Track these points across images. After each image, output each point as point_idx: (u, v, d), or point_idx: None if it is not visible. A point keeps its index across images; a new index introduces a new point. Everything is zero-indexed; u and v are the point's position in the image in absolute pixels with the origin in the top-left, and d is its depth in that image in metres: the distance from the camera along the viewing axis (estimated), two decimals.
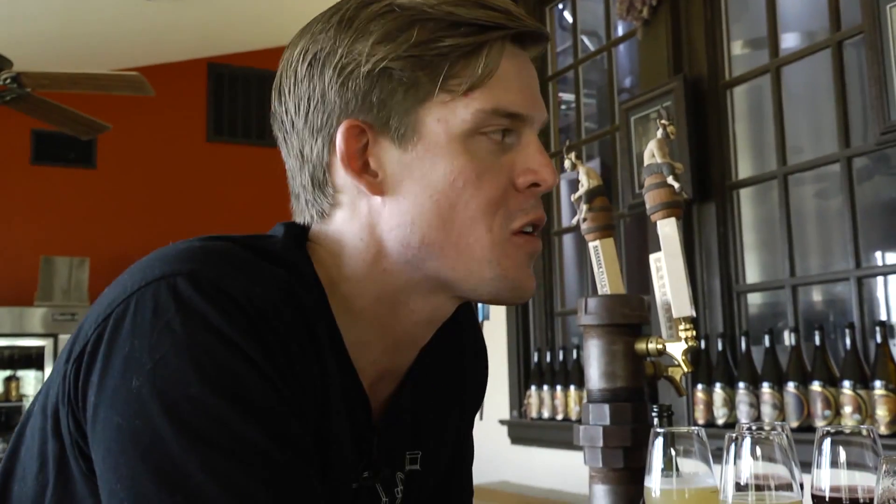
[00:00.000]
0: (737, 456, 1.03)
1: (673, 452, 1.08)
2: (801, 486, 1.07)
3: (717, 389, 2.93)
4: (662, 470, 1.07)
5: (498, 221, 0.92)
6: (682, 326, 1.41)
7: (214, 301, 0.81)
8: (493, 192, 0.91)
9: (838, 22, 2.87)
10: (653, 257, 1.47)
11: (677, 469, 1.10)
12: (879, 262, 3.14)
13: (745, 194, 3.26)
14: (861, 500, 0.97)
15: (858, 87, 2.91)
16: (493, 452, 3.93)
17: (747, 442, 1.04)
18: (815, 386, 2.62)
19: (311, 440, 0.87)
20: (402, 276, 0.95)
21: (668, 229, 1.42)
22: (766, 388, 2.76)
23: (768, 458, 1.03)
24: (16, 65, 3.82)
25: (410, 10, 0.89)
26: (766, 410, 2.73)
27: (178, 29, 6.34)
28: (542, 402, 3.74)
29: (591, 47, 4.31)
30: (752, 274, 3.24)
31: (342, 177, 0.94)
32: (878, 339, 2.51)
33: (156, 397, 0.78)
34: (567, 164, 1.66)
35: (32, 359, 6.32)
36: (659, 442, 1.08)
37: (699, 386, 3.01)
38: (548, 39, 1.00)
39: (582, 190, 1.60)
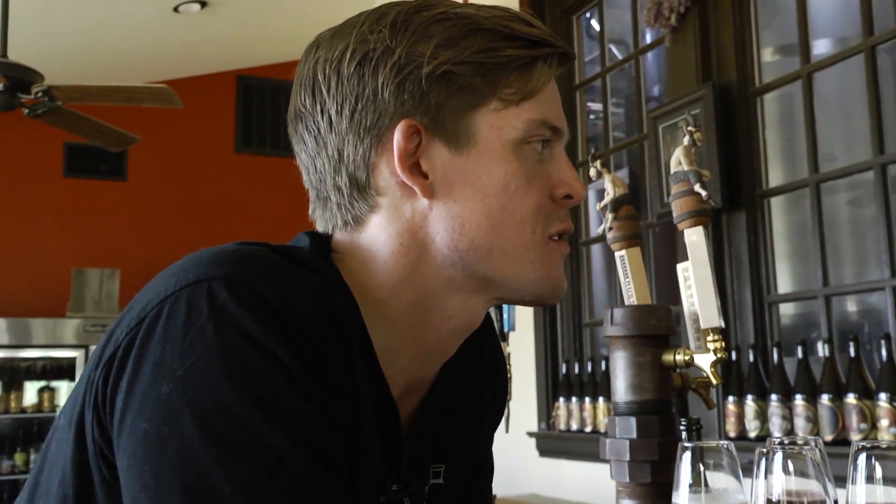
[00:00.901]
0: (768, 471, 0.99)
1: (701, 467, 1.05)
2: (836, 502, 1.04)
3: (749, 402, 2.88)
4: (690, 485, 1.05)
5: (540, 226, 0.96)
6: (710, 337, 1.38)
7: (250, 306, 0.80)
8: (538, 199, 0.95)
9: (871, 26, 2.82)
10: (680, 267, 1.44)
11: (706, 484, 1.07)
12: None
13: (777, 203, 3.21)
14: None
15: (893, 93, 2.86)
16: (521, 464, 3.90)
17: (779, 456, 1.00)
18: (851, 398, 2.56)
19: (342, 451, 0.86)
20: (443, 278, 0.95)
21: (695, 238, 1.39)
22: (799, 400, 2.71)
23: (801, 473, 1.00)
24: (47, 79, 3.87)
25: (467, 20, 0.93)
26: (800, 423, 2.68)
27: (206, 42, 6.41)
28: (571, 413, 3.70)
29: (619, 56, 4.27)
30: (784, 284, 3.19)
31: (386, 178, 0.93)
32: None
33: (185, 405, 0.77)
34: (593, 172, 1.64)
35: (64, 369, 6.39)
36: (687, 456, 1.05)
37: (730, 398, 2.95)
38: (574, 60, 1.03)
39: (608, 199, 1.58)
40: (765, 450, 1.00)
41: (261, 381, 0.78)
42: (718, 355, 1.39)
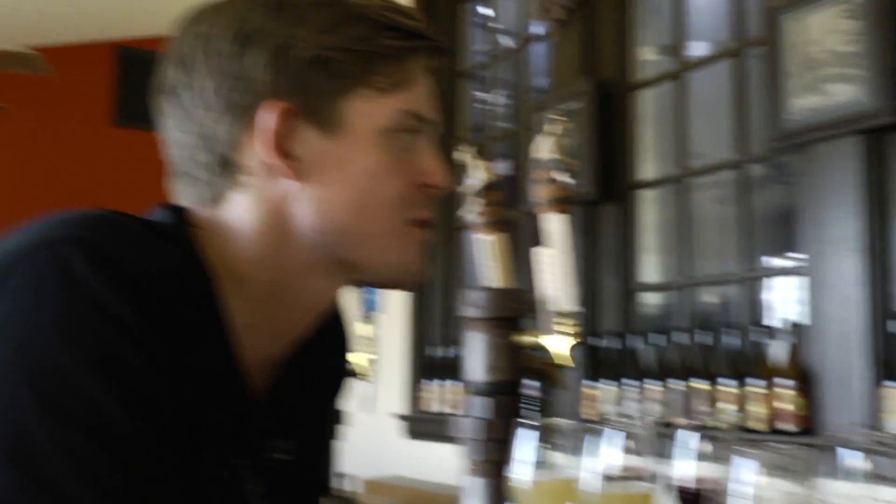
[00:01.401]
0: (601, 448, 1.06)
1: (541, 445, 1.11)
2: (663, 477, 1.11)
3: (606, 386, 3.00)
4: (529, 462, 1.10)
5: (402, 213, 0.98)
6: (564, 321, 1.44)
7: (102, 271, 0.79)
8: (402, 186, 0.98)
9: (742, 31, 2.96)
10: (539, 252, 1.50)
11: (544, 461, 1.13)
12: (770, 266, 3.24)
13: (648, 197, 3.34)
14: (714, 491, 1.01)
15: (758, 96, 3.01)
16: (388, 446, 3.94)
17: (611, 434, 1.07)
18: (698, 383, 2.71)
19: (183, 423, 0.86)
20: (305, 260, 0.96)
21: (554, 224, 1.45)
22: (652, 384, 2.84)
23: (632, 450, 1.07)
24: None
25: (346, 6, 0.95)
26: (652, 406, 2.81)
27: (83, 9, 6.11)
28: (437, 396, 3.77)
29: (507, 46, 4.33)
30: (649, 274, 3.33)
31: (253, 158, 0.94)
32: (758, 339, 2.61)
33: (22, 365, 0.76)
34: (465, 158, 1.68)
35: None
36: (526, 434, 1.10)
37: (588, 382, 3.07)
38: (450, 54, 1.05)
39: (477, 184, 1.62)
40: (598, 428, 1.06)
41: (102, 345, 0.78)
42: (572, 338, 1.46)
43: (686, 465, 1.09)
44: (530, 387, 1.47)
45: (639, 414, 2.80)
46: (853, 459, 0.85)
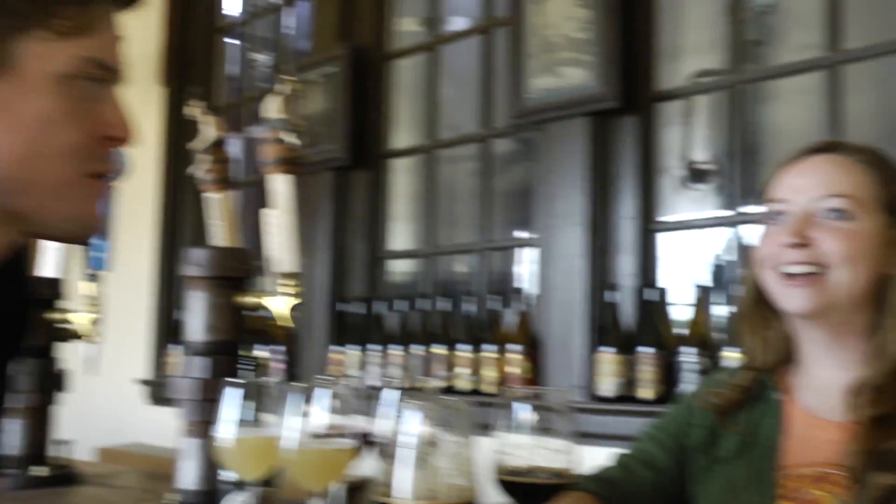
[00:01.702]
0: (306, 406, 1.07)
1: (249, 403, 1.10)
2: (367, 435, 1.15)
3: (352, 350, 3.04)
4: (233, 421, 1.09)
5: (81, 165, 0.93)
6: (287, 282, 1.44)
7: None
8: (79, 136, 0.93)
9: (492, 10, 3.07)
10: (265, 212, 1.48)
11: (255, 420, 1.13)
12: (508, 238, 3.41)
13: (400, 165, 3.40)
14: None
15: (503, 73, 3.13)
16: (128, 413, 3.79)
17: (320, 393, 1.08)
18: (437, 348, 2.81)
19: None
20: None
21: (280, 185, 1.43)
22: (395, 349, 2.92)
23: (338, 409, 1.09)
24: None
25: None
26: (394, 371, 2.89)
27: None
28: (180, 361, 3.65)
29: (269, 3, 4.22)
30: (399, 242, 3.40)
31: None
32: (494, 307, 2.75)
33: None
34: (194, 113, 1.62)
35: None
36: (232, 393, 1.09)
37: (335, 347, 3.10)
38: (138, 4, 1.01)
39: (205, 141, 1.56)
40: (304, 385, 1.07)
41: None
42: (294, 299, 1.45)
43: (386, 422, 1.13)
44: (254, 347, 1.46)
45: (395, 379, 2.86)
46: (524, 414, 0.92)
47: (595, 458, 1.32)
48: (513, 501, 0.93)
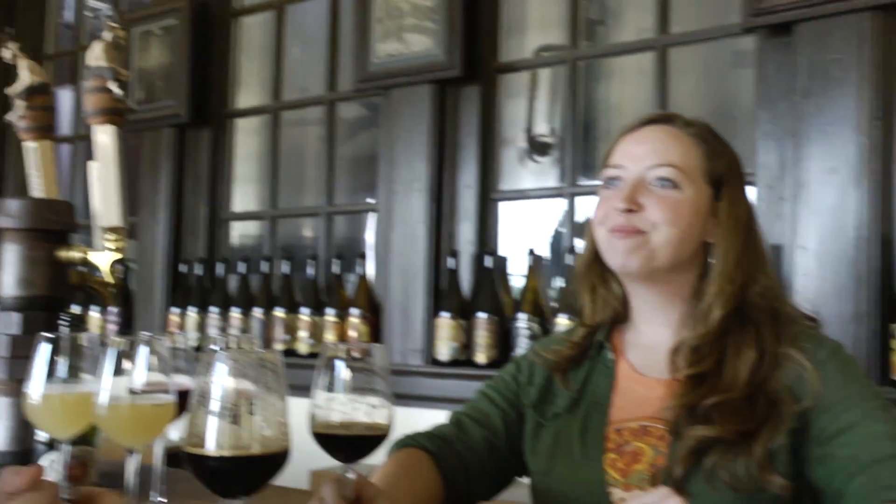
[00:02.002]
0: (124, 363, 1.04)
1: (63, 360, 1.06)
2: (186, 392, 1.13)
3: (191, 313, 2.98)
4: (48, 377, 1.05)
5: None
6: (110, 237, 1.39)
7: None
8: None
9: None
10: (91, 164, 1.42)
11: (69, 377, 1.09)
12: (353, 203, 3.41)
13: (242, 125, 3.33)
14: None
15: (350, 37, 3.11)
16: None
17: (142, 351, 1.05)
18: (279, 312, 2.79)
19: None
20: None
21: (104, 137, 1.38)
22: (235, 312, 2.88)
23: (156, 366, 1.06)
24: None
25: None
26: (234, 334, 2.84)
27: None
28: None
29: None
30: (241, 204, 3.33)
31: None
32: (336, 271, 2.76)
33: None
34: (7, 54, 1.53)
35: None
36: (44, 348, 1.05)
37: (174, 309, 3.02)
38: None
39: (21, 86, 1.48)
40: (116, 341, 1.04)
41: None
42: (117, 255, 1.41)
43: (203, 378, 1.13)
44: (74, 304, 1.40)
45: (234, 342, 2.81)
46: (343, 371, 0.93)
47: (433, 421, 1.36)
48: (331, 454, 0.95)
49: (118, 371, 1.05)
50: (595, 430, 1.27)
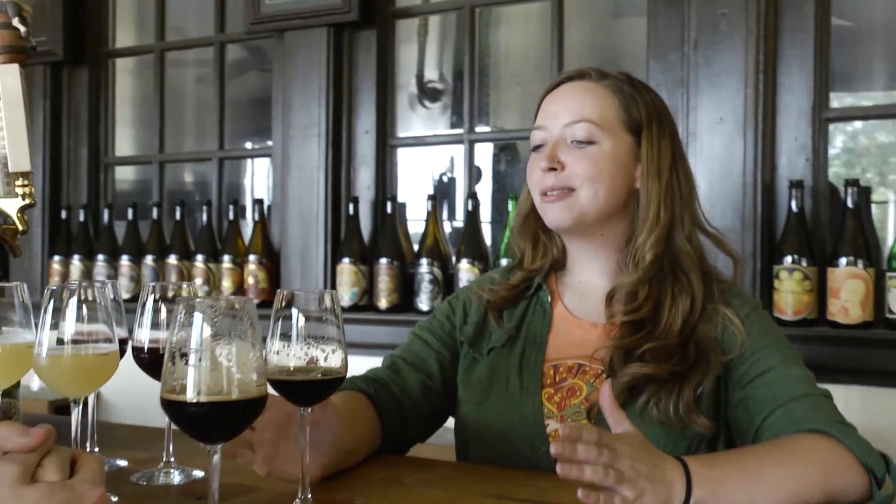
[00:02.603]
0: (57, 312, 1.01)
1: None
2: (123, 341, 1.11)
3: (76, 261, 2.86)
4: None
5: None
6: (18, 182, 1.32)
7: None
8: None
9: None
10: None
11: None
12: (246, 148, 3.34)
13: (123, 66, 3.18)
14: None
15: None
16: None
17: (72, 301, 1.02)
18: (172, 259, 2.72)
19: None
20: None
21: (8, 77, 1.31)
22: (125, 260, 2.79)
23: (89, 316, 1.04)
24: None
25: None
26: (124, 282, 2.76)
27: None
28: None
29: None
30: (123, 147, 3.20)
31: None
32: (231, 217, 2.71)
33: None
34: None
35: None
36: None
37: (56, 257, 2.90)
38: None
39: None
40: (54, 290, 1.01)
41: None
42: (26, 201, 1.35)
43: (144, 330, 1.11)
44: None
45: (125, 291, 2.72)
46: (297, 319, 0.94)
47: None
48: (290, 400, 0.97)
49: (49, 320, 1.02)
50: (533, 366, 1.32)
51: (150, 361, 1.14)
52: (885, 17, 2.36)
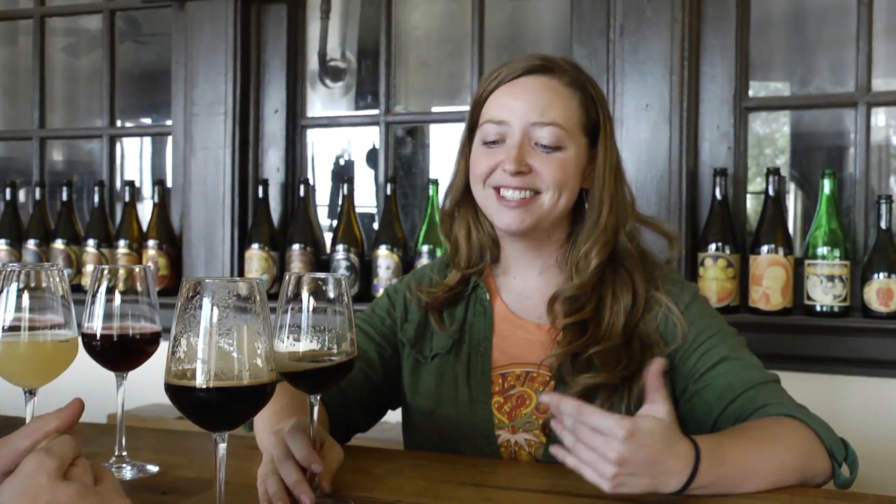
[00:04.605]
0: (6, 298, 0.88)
1: None
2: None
3: None
4: None
5: None
6: None
7: None
8: None
9: None
10: None
11: None
12: (136, 125, 3.11)
13: None
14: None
15: None
16: None
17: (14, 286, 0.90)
18: (59, 244, 2.51)
19: None
20: None
21: None
22: (2, 245, 2.55)
23: (38, 303, 0.91)
24: None
25: None
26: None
27: None
28: None
29: None
30: None
31: None
32: (126, 199, 2.52)
33: None
34: None
35: None
36: None
37: None
38: None
39: None
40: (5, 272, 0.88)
41: None
42: None
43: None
44: None
45: None
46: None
47: None
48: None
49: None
50: (480, 374, 1.28)
51: (103, 350, 1.02)
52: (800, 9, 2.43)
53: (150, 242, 2.44)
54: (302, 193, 2.39)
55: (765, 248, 2.00)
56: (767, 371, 1.25)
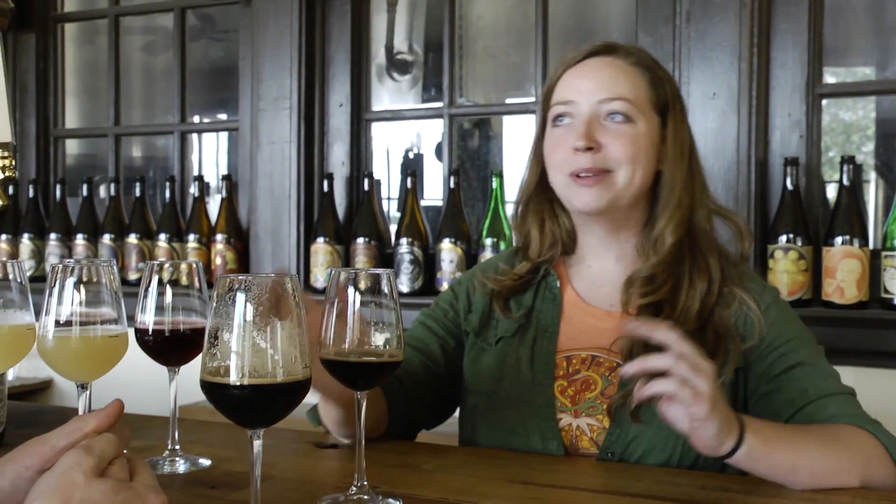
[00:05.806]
0: (61, 293, 0.90)
1: None
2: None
3: (25, 240, 2.69)
4: None
5: None
6: (0, 153, 1.20)
7: None
8: None
9: None
10: None
11: None
12: (206, 122, 3.19)
13: (72, 32, 3.00)
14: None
15: None
16: None
17: (65, 284, 0.92)
18: (132, 238, 2.58)
19: None
20: None
21: None
22: (80, 239, 2.63)
23: (92, 298, 0.94)
24: None
25: None
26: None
27: None
28: None
29: None
30: (73, 119, 3.02)
31: None
32: (196, 194, 2.57)
33: None
34: None
35: None
36: None
37: (3, 236, 2.72)
38: None
39: None
40: (58, 267, 0.90)
41: None
42: (7, 173, 1.22)
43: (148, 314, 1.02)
44: None
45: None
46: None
47: None
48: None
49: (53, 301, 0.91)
50: (545, 357, 1.27)
51: (154, 344, 1.04)
52: None
53: (219, 237, 2.49)
54: (366, 187, 2.40)
55: (839, 240, 1.93)
56: (844, 384, 1.21)
